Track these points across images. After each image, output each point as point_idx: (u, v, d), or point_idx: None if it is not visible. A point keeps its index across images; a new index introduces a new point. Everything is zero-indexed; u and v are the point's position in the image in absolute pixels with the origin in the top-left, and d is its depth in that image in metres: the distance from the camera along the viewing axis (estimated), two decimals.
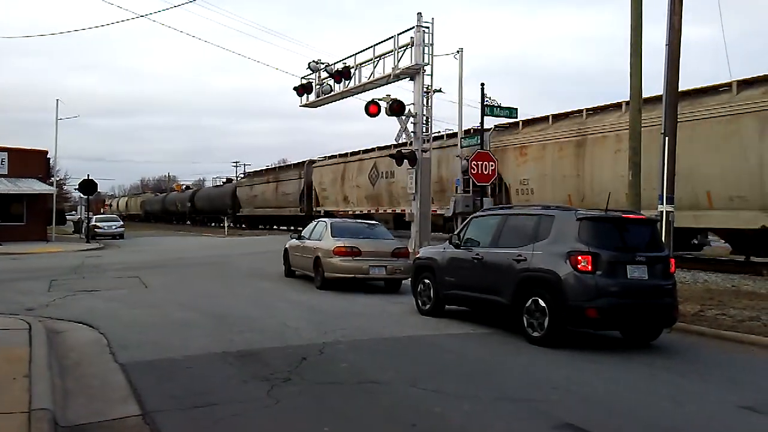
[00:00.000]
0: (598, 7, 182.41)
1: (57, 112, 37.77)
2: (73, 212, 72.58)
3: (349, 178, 36.46)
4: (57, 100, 38.00)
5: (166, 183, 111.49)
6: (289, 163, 54.37)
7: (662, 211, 11.93)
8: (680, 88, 12.63)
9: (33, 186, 35.69)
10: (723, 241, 20.79)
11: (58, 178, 50.91)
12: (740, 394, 6.83)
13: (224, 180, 76.56)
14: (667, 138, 12.09)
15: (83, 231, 39.73)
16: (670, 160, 12.11)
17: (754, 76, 16.51)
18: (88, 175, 37.05)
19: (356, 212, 34.08)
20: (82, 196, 41.93)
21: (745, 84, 16.62)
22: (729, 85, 16.88)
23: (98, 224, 41.25)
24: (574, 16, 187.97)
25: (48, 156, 39.87)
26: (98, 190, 42.40)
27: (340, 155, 38.77)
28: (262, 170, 57.90)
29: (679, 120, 12.43)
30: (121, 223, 44.57)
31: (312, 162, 42.99)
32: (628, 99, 13.35)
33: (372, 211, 32.77)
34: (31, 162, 36.63)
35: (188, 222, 74.73)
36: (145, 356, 7.76)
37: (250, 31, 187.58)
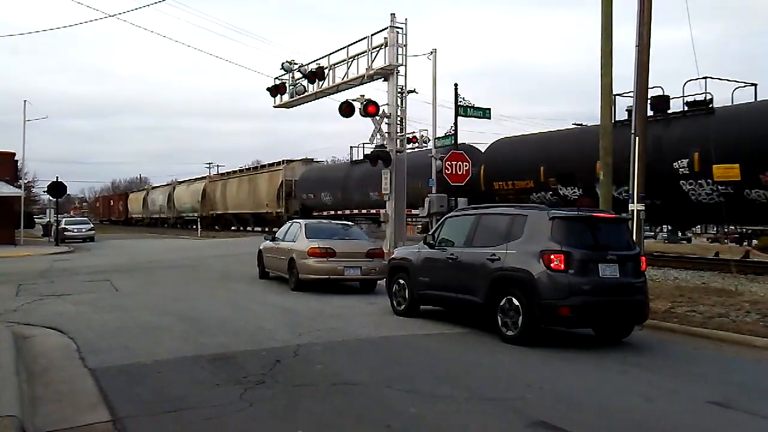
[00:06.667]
0: (571, 9, 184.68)
1: (25, 113, 37.08)
2: (42, 215, 71.07)
3: None
4: (25, 101, 37.28)
5: (138, 185, 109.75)
6: None
7: (633, 210, 12.11)
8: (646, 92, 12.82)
9: (0, 189, 34.92)
10: None
11: (26, 181, 49.89)
12: (710, 389, 6.94)
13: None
14: (637, 138, 12.28)
15: (52, 234, 39.01)
16: (641, 159, 12.29)
17: None
18: (57, 178, 36.44)
19: None
20: (51, 198, 41.16)
21: None
22: None
23: (67, 227, 40.54)
24: (549, 17, 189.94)
25: (16, 158, 39.11)
26: (68, 192, 41.59)
27: None
28: None
29: None
30: (91, 225, 43.73)
31: None
32: None
33: None
34: None
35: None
36: (116, 361, 7.62)
37: (223, 31, 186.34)
